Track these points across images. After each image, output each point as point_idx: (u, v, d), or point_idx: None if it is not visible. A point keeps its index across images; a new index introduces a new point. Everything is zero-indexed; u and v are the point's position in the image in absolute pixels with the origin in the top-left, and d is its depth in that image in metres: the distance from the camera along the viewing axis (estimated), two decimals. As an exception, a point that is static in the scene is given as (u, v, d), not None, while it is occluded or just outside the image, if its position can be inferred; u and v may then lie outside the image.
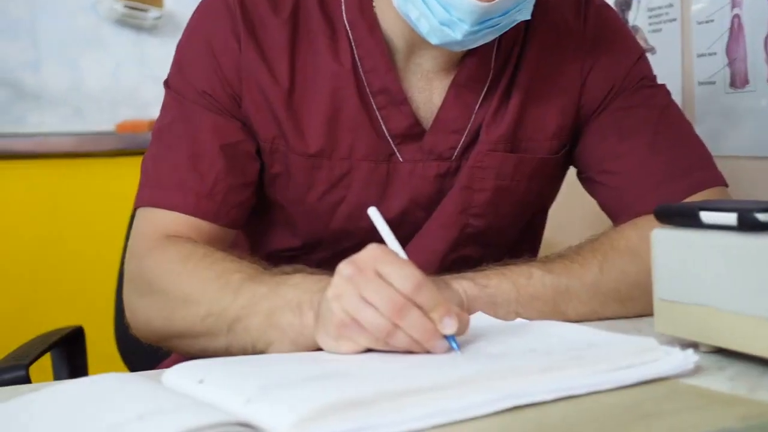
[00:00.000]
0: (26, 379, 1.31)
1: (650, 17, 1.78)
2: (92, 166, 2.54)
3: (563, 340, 0.92)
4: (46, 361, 1.58)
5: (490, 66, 1.25)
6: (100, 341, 1.84)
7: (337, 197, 1.26)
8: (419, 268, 1.19)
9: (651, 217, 1.17)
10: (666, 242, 0.97)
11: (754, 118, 1.54)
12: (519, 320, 1.07)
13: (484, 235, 1.29)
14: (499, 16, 1.13)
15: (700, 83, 1.65)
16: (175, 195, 1.21)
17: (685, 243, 0.94)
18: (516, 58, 1.27)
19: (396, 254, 0.93)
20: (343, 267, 0.92)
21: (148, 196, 1.23)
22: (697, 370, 0.87)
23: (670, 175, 1.24)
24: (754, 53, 1.53)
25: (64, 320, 1.84)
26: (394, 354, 0.90)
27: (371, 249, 0.92)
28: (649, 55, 1.76)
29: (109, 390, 0.84)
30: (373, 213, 1.00)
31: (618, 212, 1.28)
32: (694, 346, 0.94)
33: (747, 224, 0.88)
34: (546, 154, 1.29)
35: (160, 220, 1.21)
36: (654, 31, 1.77)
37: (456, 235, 1.28)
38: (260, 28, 1.23)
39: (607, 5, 1.36)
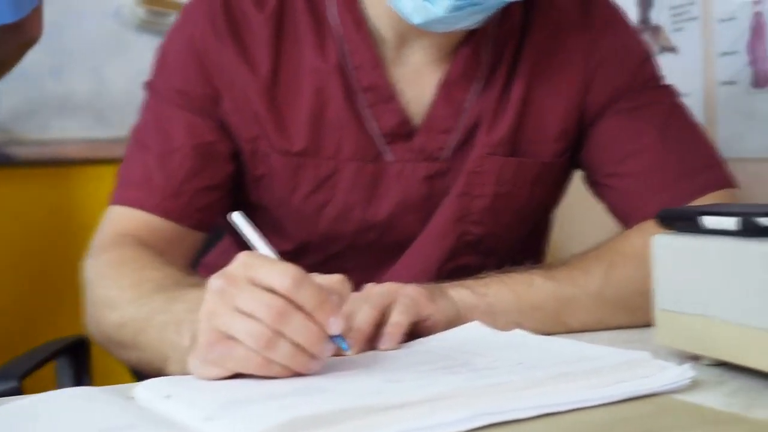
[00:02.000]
0: (18, 391, 1.27)
1: (672, 15, 1.72)
2: (110, 172, 2.51)
3: (554, 354, 0.87)
4: (51, 372, 1.55)
5: (483, 61, 1.21)
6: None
7: (322, 198, 1.23)
8: (414, 278, 1.15)
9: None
10: (666, 249, 0.91)
11: (777, 118, 1.48)
12: (516, 331, 1.01)
13: (484, 243, 1.25)
14: None
15: (722, 83, 1.59)
16: (140, 193, 1.19)
17: (686, 249, 0.89)
18: (512, 55, 1.22)
19: (268, 257, 0.87)
20: (213, 281, 0.84)
21: (117, 195, 1.21)
22: (694, 385, 0.82)
23: (676, 177, 1.20)
24: (777, 51, 1.47)
25: (71, 329, 1.81)
26: (374, 369, 0.86)
27: (240, 256, 0.85)
28: (671, 55, 1.71)
29: (67, 407, 0.81)
30: (237, 218, 0.94)
31: (626, 216, 1.23)
32: (697, 358, 0.89)
33: (749, 229, 0.83)
34: (549, 158, 1.24)
35: (121, 218, 1.19)
36: (676, 30, 1.71)
37: (453, 243, 1.23)
38: (243, 25, 1.20)
39: (612, 1, 1.30)
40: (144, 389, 0.85)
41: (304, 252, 1.27)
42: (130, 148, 1.24)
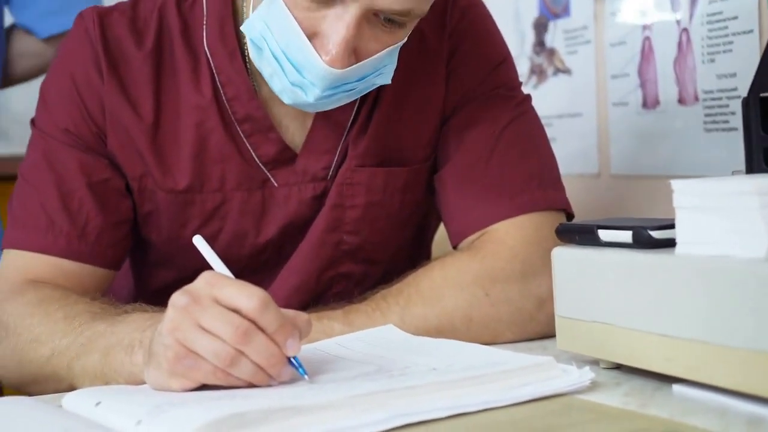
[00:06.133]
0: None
1: (566, 39, 1.80)
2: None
3: (464, 360, 0.93)
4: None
5: None
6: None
7: (213, 229, 1.23)
8: (294, 286, 1.18)
9: (459, 255, 1.17)
10: (566, 260, 0.98)
11: (665, 138, 1.56)
12: (427, 338, 1.06)
13: (362, 251, 1.26)
14: (356, 81, 1.09)
15: (614, 104, 1.67)
16: (44, 237, 1.18)
17: (584, 261, 0.95)
18: None
19: (231, 278, 0.90)
20: (177, 298, 0.88)
21: (16, 238, 1.19)
22: (593, 387, 0.88)
23: (492, 193, 1.20)
24: (665, 75, 1.55)
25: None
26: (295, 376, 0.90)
27: (204, 276, 0.89)
28: (565, 77, 1.79)
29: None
30: (199, 241, 0.97)
31: (446, 225, 1.26)
32: (596, 363, 0.96)
33: (641, 242, 0.90)
34: (417, 164, 1.26)
35: (26, 263, 1.18)
36: (570, 53, 1.79)
37: (330, 252, 1.24)
38: (123, 64, 1.20)
39: (476, 4, 1.31)
40: (73, 397, 0.89)
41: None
42: (20, 188, 1.21)
